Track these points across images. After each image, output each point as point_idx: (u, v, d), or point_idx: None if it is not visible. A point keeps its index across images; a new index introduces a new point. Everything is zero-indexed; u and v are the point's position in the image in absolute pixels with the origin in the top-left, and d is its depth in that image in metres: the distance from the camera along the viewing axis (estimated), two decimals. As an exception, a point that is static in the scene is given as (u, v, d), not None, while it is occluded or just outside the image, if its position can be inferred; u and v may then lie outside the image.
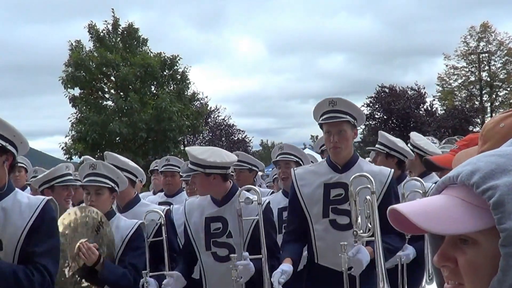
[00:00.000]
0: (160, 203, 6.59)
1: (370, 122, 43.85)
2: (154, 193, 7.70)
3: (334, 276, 4.26)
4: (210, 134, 43.11)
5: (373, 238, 3.89)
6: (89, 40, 32.66)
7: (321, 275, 4.41)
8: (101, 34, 32.70)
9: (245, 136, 44.94)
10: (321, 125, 4.47)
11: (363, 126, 43.87)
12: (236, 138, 44.09)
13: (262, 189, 7.33)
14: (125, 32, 33.11)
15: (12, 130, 3.45)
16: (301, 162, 5.89)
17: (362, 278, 4.06)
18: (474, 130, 39.85)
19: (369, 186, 3.99)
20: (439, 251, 1.21)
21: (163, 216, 4.91)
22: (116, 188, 4.63)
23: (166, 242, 4.84)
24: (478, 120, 42.91)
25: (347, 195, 4.21)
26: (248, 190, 4.70)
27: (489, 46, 45.85)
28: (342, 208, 4.34)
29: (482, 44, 46.05)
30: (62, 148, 31.72)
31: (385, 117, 43.83)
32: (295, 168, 4.76)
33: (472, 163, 1.18)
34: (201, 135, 41.55)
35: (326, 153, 6.18)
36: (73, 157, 30.73)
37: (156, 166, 7.82)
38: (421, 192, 5.09)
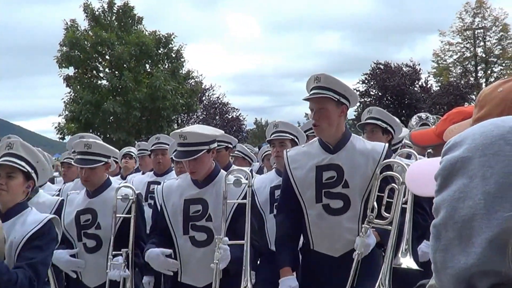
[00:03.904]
0: (150, 183, 6.73)
1: (365, 99, 43.62)
2: (143, 174, 7.50)
3: (330, 262, 4.15)
4: (204, 113, 42.99)
5: (390, 227, 3.92)
6: (84, 20, 32.87)
7: (317, 262, 4.21)
8: (96, 13, 32.87)
9: (239, 115, 44.84)
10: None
11: (357, 103, 43.70)
12: (230, 117, 43.87)
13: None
14: (120, 11, 33.32)
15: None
16: (296, 140, 5.63)
17: (363, 262, 4.01)
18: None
19: (398, 175, 4.00)
20: None
21: (135, 193, 4.76)
22: (34, 175, 3.87)
23: (134, 221, 4.66)
24: (473, 96, 42.59)
25: (340, 178, 4.13)
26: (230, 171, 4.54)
27: (484, 22, 45.59)
28: (335, 191, 4.15)
29: (477, 20, 45.75)
30: (55, 127, 32.01)
31: (380, 94, 43.63)
32: (287, 150, 4.50)
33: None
34: (195, 113, 41.61)
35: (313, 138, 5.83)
36: (66, 137, 30.83)
37: (141, 150, 7.73)
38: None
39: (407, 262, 4.34)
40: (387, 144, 4.36)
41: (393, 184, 3.99)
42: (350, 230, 4.09)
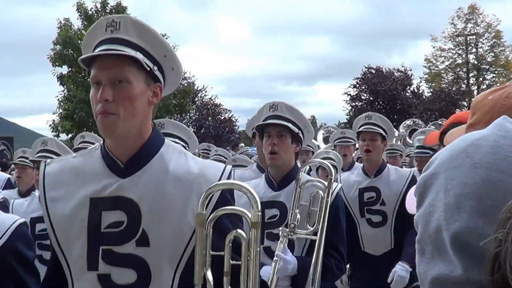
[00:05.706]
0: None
1: (357, 103, 44.00)
2: None
3: None
4: (197, 114, 43.07)
5: None
6: (77, 19, 32.86)
7: None
8: (90, 12, 32.90)
9: (231, 116, 44.89)
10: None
11: (349, 107, 43.94)
12: (222, 118, 43.97)
13: None
14: (114, 11, 33.27)
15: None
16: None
17: None
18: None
19: (243, 210, 2.03)
20: None
21: None
22: None
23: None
24: (465, 103, 42.78)
25: (133, 225, 2.20)
26: None
27: (477, 28, 45.75)
28: (124, 252, 2.19)
29: (469, 26, 45.91)
30: (50, 125, 32.06)
31: (371, 98, 43.94)
32: (46, 162, 2.42)
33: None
34: (188, 114, 41.64)
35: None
36: (61, 135, 31.13)
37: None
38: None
39: None
40: (229, 167, 2.35)
41: (236, 231, 2.02)
42: None
